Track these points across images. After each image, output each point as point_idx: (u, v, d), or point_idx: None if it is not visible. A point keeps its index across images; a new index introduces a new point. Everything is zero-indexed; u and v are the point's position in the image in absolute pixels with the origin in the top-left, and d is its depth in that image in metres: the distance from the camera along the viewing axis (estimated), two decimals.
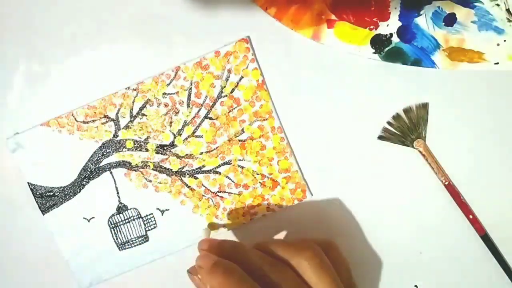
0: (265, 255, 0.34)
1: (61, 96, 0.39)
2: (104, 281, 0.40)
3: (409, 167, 0.39)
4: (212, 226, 0.40)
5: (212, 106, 0.39)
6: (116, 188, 0.40)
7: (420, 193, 0.40)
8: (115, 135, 0.39)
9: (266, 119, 0.39)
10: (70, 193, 0.39)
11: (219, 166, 0.39)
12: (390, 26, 0.38)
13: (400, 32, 0.38)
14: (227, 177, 0.39)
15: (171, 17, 0.38)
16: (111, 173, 0.39)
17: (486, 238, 0.39)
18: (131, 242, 0.40)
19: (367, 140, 0.39)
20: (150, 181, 0.39)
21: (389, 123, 0.39)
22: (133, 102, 0.39)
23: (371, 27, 0.38)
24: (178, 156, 0.39)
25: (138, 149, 0.39)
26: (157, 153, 0.39)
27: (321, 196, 0.40)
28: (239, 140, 0.39)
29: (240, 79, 0.39)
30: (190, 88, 0.39)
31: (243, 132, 0.39)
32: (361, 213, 0.40)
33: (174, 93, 0.39)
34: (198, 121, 0.39)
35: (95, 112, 0.39)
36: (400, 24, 0.38)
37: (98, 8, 0.39)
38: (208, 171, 0.39)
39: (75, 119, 0.39)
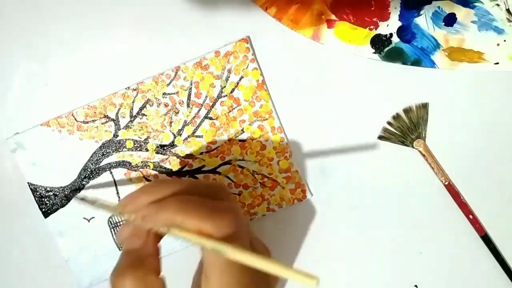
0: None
1: (61, 96, 0.39)
2: (104, 281, 0.40)
3: (409, 167, 0.39)
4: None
5: (212, 106, 0.39)
6: (116, 188, 0.40)
7: (420, 193, 0.40)
8: (115, 135, 0.39)
9: (266, 119, 0.39)
10: (70, 193, 0.39)
11: (219, 166, 0.39)
12: (390, 26, 0.38)
13: (400, 32, 0.38)
14: (227, 177, 0.39)
15: (171, 17, 0.38)
16: (111, 173, 0.39)
17: (486, 238, 0.39)
18: None
19: (367, 140, 0.39)
20: (150, 181, 0.39)
21: (389, 123, 0.39)
22: (133, 102, 0.39)
23: (371, 27, 0.38)
24: (178, 156, 0.39)
25: (138, 149, 0.39)
26: (157, 153, 0.39)
27: (321, 196, 0.40)
28: (239, 140, 0.39)
29: (240, 79, 0.39)
30: (190, 88, 0.39)
31: (243, 132, 0.39)
32: (361, 213, 0.40)
33: (174, 93, 0.39)
34: (198, 121, 0.39)
35: (95, 112, 0.39)
36: (400, 24, 0.38)
37: (98, 8, 0.39)
38: (208, 171, 0.39)
39: (75, 119, 0.39)
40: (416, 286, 0.40)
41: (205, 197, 0.31)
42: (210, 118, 0.39)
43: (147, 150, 0.39)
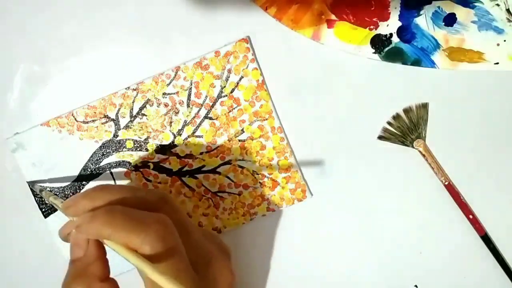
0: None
1: (61, 96, 0.39)
2: None
3: (409, 167, 0.39)
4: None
5: (212, 106, 0.39)
6: None
7: (420, 193, 0.40)
8: (115, 135, 0.39)
9: (266, 119, 0.39)
10: (70, 193, 0.39)
11: (219, 166, 0.39)
12: (390, 26, 0.38)
13: (400, 32, 0.38)
14: (227, 177, 0.39)
15: (171, 17, 0.38)
16: (111, 173, 0.39)
17: (486, 238, 0.39)
18: None
19: (367, 140, 0.39)
20: (150, 181, 0.39)
21: (389, 123, 0.39)
22: (133, 102, 0.39)
23: (371, 27, 0.38)
24: (178, 156, 0.39)
25: (138, 149, 0.39)
26: (157, 153, 0.39)
27: (321, 196, 0.40)
28: (239, 140, 0.39)
29: (240, 79, 0.39)
30: (190, 88, 0.39)
31: (243, 132, 0.39)
32: (361, 213, 0.40)
33: (174, 93, 0.39)
34: (198, 121, 0.39)
35: (95, 112, 0.39)
36: (400, 24, 0.38)
37: (98, 8, 0.39)
38: (208, 171, 0.39)
39: (75, 119, 0.39)
40: (416, 286, 0.40)
41: (143, 206, 0.30)
42: (210, 118, 0.39)
43: (147, 150, 0.39)
